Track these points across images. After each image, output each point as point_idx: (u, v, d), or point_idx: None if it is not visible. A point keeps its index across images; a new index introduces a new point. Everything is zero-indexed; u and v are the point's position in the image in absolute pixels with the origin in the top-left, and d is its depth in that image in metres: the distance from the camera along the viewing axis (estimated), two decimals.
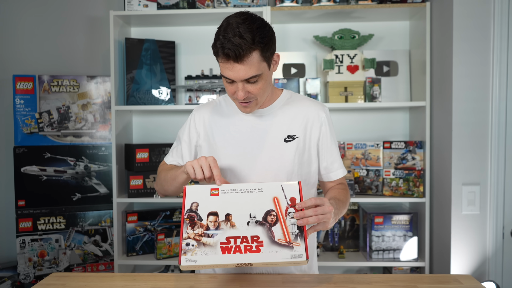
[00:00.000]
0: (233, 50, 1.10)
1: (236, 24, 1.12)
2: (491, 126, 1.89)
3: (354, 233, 2.42)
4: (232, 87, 1.20)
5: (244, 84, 1.17)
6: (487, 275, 1.92)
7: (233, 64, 1.13)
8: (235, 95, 1.20)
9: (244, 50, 1.11)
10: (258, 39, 1.12)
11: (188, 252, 1.05)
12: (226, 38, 1.11)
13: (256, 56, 1.14)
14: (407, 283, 1.19)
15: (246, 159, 1.28)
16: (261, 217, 1.09)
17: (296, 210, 1.09)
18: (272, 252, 1.04)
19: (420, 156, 2.26)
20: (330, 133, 1.34)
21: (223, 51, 1.12)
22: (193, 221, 1.10)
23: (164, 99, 2.40)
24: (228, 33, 1.11)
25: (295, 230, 1.07)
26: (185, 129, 1.38)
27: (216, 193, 1.14)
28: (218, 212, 1.11)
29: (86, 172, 2.40)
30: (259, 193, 1.13)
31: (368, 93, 2.31)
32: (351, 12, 2.28)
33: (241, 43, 1.10)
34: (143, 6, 2.30)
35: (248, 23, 1.13)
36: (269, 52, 1.18)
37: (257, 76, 1.16)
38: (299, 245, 1.05)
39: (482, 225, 1.93)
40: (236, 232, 1.07)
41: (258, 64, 1.15)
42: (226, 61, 1.14)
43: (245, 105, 1.23)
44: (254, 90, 1.19)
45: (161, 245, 2.31)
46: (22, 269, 2.31)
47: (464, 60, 1.90)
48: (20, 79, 2.33)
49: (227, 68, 1.15)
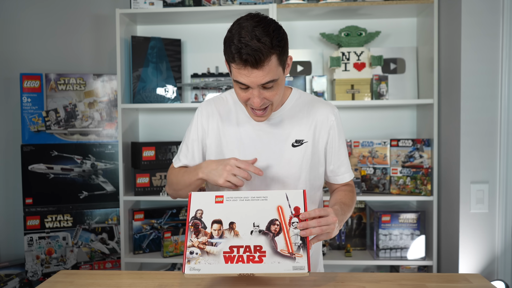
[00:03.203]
0: (252, 55, 1.04)
1: (251, 27, 1.06)
2: (500, 123, 1.87)
3: (361, 232, 2.41)
4: (245, 93, 1.14)
5: (260, 90, 1.12)
6: (496, 274, 1.91)
7: (250, 70, 1.07)
8: (249, 102, 1.15)
9: (264, 55, 1.05)
10: (276, 42, 1.07)
11: (192, 260, 1.06)
12: (243, 43, 1.04)
13: (274, 61, 1.08)
14: (415, 282, 1.17)
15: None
16: (265, 226, 1.09)
17: (300, 220, 1.08)
18: (274, 263, 1.04)
19: (428, 154, 2.24)
20: (339, 136, 1.31)
21: (240, 56, 1.05)
22: (197, 229, 1.10)
23: (170, 97, 2.40)
24: (244, 36, 1.05)
25: (298, 241, 1.06)
26: (192, 127, 1.34)
27: (221, 200, 1.13)
28: (222, 220, 1.10)
29: (92, 170, 2.40)
30: (263, 201, 1.12)
31: (375, 91, 2.30)
32: (358, 9, 2.27)
33: (260, 47, 1.04)
34: (149, 4, 2.30)
35: (263, 25, 1.07)
36: (284, 56, 1.14)
37: (274, 81, 1.12)
38: (302, 257, 1.05)
39: (491, 223, 1.91)
40: (239, 241, 1.07)
41: (275, 69, 1.10)
42: (243, 67, 1.07)
43: (260, 114, 1.18)
44: (270, 96, 1.14)
45: (167, 243, 2.32)
46: (30, 266, 2.32)
47: (472, 57, 1.88)
48: (27, 77, 2.34)
49: (243, 75, 1.09)
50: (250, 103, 1.16)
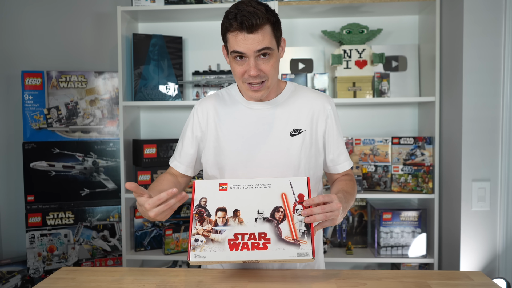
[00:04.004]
0: (248, 17, 1.11)
1: (248, 1, 1.16)
2: (502, 121, 1.87)
3: (362, 229, 2.41)
4: (242, 67, 1.18)
5: (256, 59, 1.16)
6: (497, 272, 1.91)
7: (246, 36, 1.13)
8: (246, 74, 1.18)
9: (259, 19, 1.12)
10: (270, 12, 1.16)
11: (197, 248, 1.06)
12: (239, 9, 1.13)
13: (268, 29, 1.16)
14: (417, 279, 1.17)
15: (252, 154, 1.26)
16: (269, 214, 1.09)
17: (304, 207, 1.09)
18: (279, 249, 1.05)
19: (429, 152, 2.24)
20: (336, 125, 1.33)
21: (236, 19, 1.12)
22: (202, 217, 1.10)
23: (172, 95, 2.40)
24: (241, 6, 1.14)
25: (302, 228, 1.07)
26: (188, 126, 1.36)
27: (225, 188, 1.14)
28: (227, 207, 1.11)
29: (94, 167, 2.41)
30: (267, 188, 1.13)
31: (376, 88, 2.30)
32: (360, 7, 2.26)
33: (256, 11, 1.12)
34: (151, 1, 2.30)
35: (258, 1, 1.17)
36: (278, 32, 1.20)
37: (269, 50, 1.16)
38: (306, 243, 1.05)
39: (492, 221, 1.91)
40: (244, 228, 1.08)
41: (270, 37, 1.16)
42: (240, 32, 1.14)
43: (256, 88, 1.20)
44: (266, 68, 1.18)
45: (169, 241, 2.32)
46: (32, 263, 2.33)
47: (474, 54, 1.88)
48: (28, 75, 2.34)
49: (239, 41, 1.14)
50: (246, 76, 1.19)
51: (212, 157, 1.31)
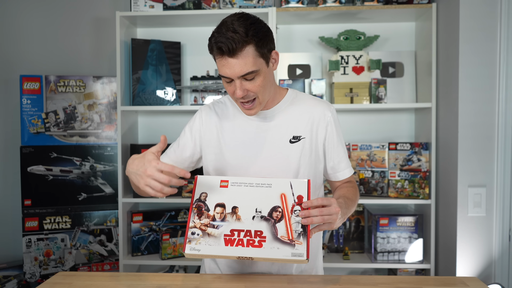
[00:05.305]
0: (225, 43, 1.11)
1: (231, 21, 1.14)
2: (498, 127, 1.88)
3: (359, 235, 2.41)
4: (230, 86, 1.19)
5: (242, 81, 1.16)
6: (493, 278, 1.91)
7: (227, 60, 1.13)
8: (234, 95, 1.19)
9: (237, 43, 1.11)
10: (252, 33, 1.12)
11: (193, 241, 1.08)
12: (220, 33, 1.13)
13: (250, 51, 1.13)
14: (412, 285, 1.18)
15: (252, 162, 1.27)
16: (267, 213, 1.11)
17: (302, 208, 1.10)
18: (273, 248, 1.06)
19: (426, 157, 2.25)
20: (337, 133, 1.33)
21: (216, 45, 1.13)
22: (200, 211, 1.12)
23: (170, 100, 2.41)
24: (222, 29, 1.13)
25: (298, 229, 1.08)
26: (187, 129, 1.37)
27: (226, 185, 1.16)
28: (226, 204, 1.13)
29: (91, 172, 2.41)
30: (267, 188, 1.15)
31: (373, 94, 2.31)
32: (357, 13, 2.28)
33: (233, 36, 1.11)
34: (149, 7, 2.31)
35: (243, 20, 1.14)
36: (265, 48, 1.17)
37: (254, 73, 1.15)
38: (301, 244, 1.06)
39: (488, 227, 1.92)
40: (241, 225, 1.09)
41: (253, 59, 1.14)
42: (221, 57, 1.14)
43: (247, 106, 1.22)
44: (253, 88, 1.18)
45: (166, 245, 2.32)
46: (28, 268, 2.32)
47: (470, 61, 1.89)
48: (27, 79, 2.35)
49: (223, 66, 1.15)
50: (235, 96, 1.20)
51: (213, 162, 1.32)
